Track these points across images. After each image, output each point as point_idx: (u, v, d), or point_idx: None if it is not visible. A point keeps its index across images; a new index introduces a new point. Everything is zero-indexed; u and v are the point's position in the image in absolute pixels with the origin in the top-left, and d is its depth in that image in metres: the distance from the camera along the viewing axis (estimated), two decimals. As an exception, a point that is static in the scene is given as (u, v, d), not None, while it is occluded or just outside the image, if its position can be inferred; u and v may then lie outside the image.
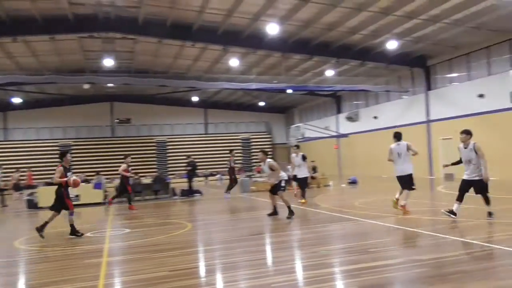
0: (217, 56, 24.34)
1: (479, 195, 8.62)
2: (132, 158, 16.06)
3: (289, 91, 28.96)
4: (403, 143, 10.16)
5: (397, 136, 10.22)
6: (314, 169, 21.24)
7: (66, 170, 9.08)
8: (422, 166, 24.64)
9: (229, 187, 17.74)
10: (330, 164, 33.62)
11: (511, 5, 16.52)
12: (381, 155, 14.46)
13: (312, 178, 20.90)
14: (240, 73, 26.57)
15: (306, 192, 13.85)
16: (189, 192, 19.01)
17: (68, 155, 9.45)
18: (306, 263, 6.11)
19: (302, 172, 13.68)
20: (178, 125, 39.95)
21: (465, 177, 8.78)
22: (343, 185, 20.91)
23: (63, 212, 9.11)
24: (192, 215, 13.18)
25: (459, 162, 8.99)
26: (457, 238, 7.03)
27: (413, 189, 10.16)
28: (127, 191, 14.67)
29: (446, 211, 8.79)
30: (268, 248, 7.54)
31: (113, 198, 15.62)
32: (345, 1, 16.73)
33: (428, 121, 24.85)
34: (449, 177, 22.60)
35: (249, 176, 29.26)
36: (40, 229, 8.86)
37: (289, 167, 14.56)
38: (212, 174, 37.01)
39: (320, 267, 5.67)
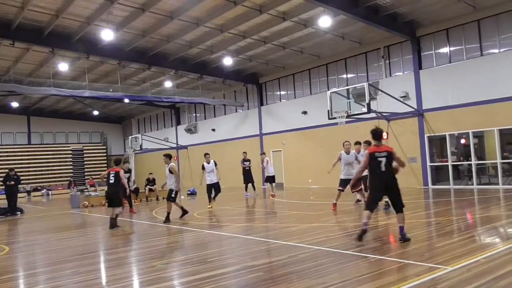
0: (43, 59, 22.01)
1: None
2: None
3: (126, 100, 27.90)
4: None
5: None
6: (153, 181, 20.78)
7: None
8: (255, 177, 26.31)
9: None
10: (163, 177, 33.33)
11: (326, 33, 19.03)
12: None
13: (151, 190, 20.45)
14: (70, 79, 24.46)
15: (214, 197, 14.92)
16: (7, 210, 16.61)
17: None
18: (143, 278, 5.86)
19: (215, 178, 14.73)
20: (-7, 134, 34.89)
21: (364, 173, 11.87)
22: (183, 197, 20.91)
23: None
24: (11, 236, 11.50)
25: None
26: (286, 242, 7.63)
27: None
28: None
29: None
30: (102, 267, 7.02)
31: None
32: (182, 15, 16.94)
33: (261, 134, 26.72)
34: (279, 186, 24.61)
35: (81, 191, 27.09)
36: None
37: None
38: (36, 189, 33.21)
39: (158, 282, 5.50)
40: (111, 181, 11.12)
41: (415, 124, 18.59)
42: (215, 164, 14.89)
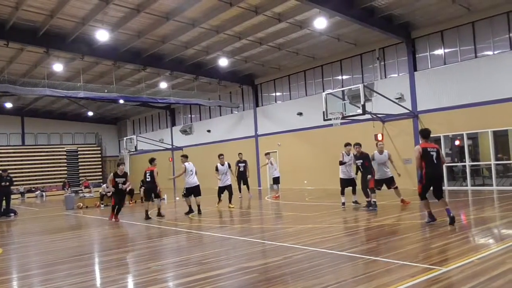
0: (38, 59, 21.90)
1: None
2: None
3: (121, 101, 27.80)
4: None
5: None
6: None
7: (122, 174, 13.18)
8: (251, 178, 26.28)
9: None
10: (165, 177, 33.26)
11: (322, 35, 19.07)
12: (213, 167, 14.95)
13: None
14: (65, 79, 24.34)
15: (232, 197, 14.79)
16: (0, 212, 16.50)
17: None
18: (138, 280, 5.84)
19: (228, 180, 14.49)
20: (-13, 135, 34.67)
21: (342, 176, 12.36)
22: (178, 198, 20.87)
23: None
24: (4, 238, 11.42)
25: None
26: (281, 244, 7.62)
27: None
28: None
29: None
30: (96, 268, 6.99)
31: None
32: (178, 16, 16.91)
33: (256, 136, 26.71)
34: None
35: (75, 192, 26.95)
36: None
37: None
38: (30, 190, 33.00)
39: (152, 283, 5.48)
40: (147, 179, 12.93)
41: (410, 126, 18.66)
42: (229, 166, 14.65)
